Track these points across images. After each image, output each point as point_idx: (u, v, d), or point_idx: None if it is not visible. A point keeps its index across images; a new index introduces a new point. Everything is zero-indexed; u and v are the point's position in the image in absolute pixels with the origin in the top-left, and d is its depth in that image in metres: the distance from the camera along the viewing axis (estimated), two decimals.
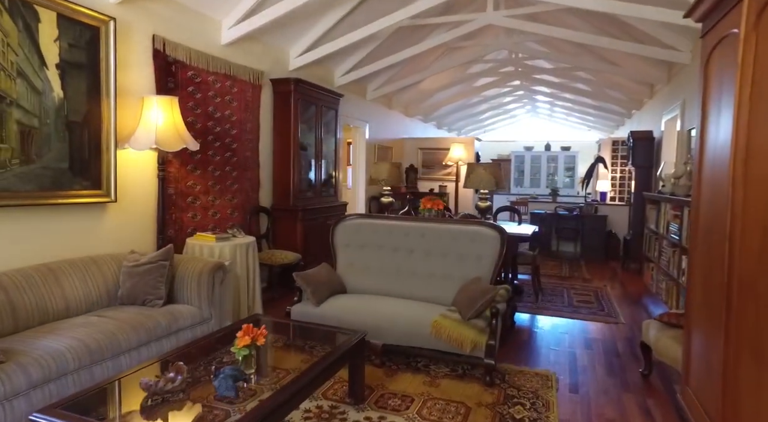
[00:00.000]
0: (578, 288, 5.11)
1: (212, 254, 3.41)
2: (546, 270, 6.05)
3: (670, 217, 3.84)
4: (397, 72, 7.03)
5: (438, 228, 3.35)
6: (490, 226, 3.18)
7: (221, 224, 4.20)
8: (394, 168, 3.72)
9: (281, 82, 4.77)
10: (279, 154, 4.88)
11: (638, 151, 5.96)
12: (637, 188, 6.01)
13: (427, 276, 3.28)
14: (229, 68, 4.19)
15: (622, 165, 7.86)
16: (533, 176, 12.28)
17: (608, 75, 7.08)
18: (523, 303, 4.40)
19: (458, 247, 3.24)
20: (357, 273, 3.47)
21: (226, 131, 4.24)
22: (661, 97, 6.03)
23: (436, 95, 9.01)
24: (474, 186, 3.37)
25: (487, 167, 3.33)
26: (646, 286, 4.86)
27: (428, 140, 8.92)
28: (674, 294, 3.66)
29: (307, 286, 3.10)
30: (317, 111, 5.23)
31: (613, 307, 4.33)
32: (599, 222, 7.05)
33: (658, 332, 2.50)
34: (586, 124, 11.47)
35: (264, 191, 4.83)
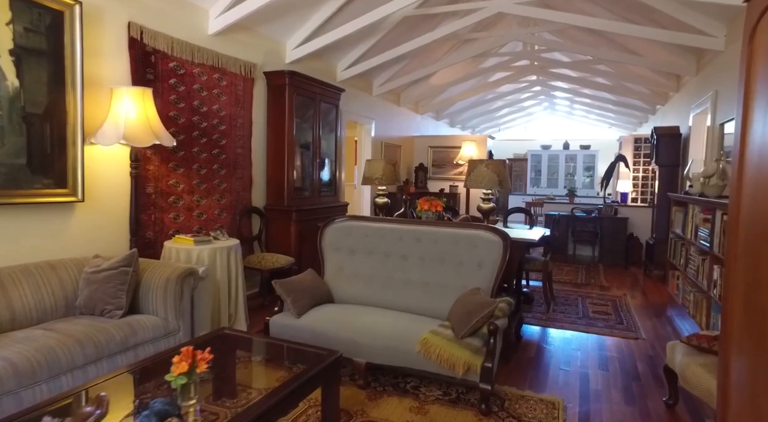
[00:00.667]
0: (595, 297, 4.70)
1: (189, 258, 3.16)
2: (560, 277, 5.64)
3: (699, 221, 3.42)
4: (404, 66, 6.71)
5: (434, 233, 3.02)
6: (492, 230, 2.84)
7: (208, 225, 3.96)
8: (389, 166, 3.41)
9: (275, 75, 4.50)
10: (273, 152, 4.62)
11: (663, 148, 5.50)
12: (661, 189, 5.55)
13: (421, 286, 2.96)
14: (217, 60, 3.94)
15: (645, 164, 7.37)
16: (551, 176, 11.79)
17: (630, 67, 6.61)
18: (532, 314, 4.03)
19: (456, 254, 2.91)
20: (346, 281, 3.17)
21: (214, 127, 4.00)
22: (688, 90, 5.56)
23: (448, 91, 8.66)
24: (475, 185, 3.03)
25: (489, 164, 2.99)
26: (671, 296, 4.43)
27: (439, 138, 8.57)
28: (703, 308, 3.24)
29: (287, 295, 2.82)
30: (316, 106, 4.95)
31: (633, 320, 3.92)
32: (619, 225, 6.58)
33: (686, 357, 2.12)
34: (607, 121, 10.93)
35: (257, 191, 4.58)
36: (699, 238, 3.39)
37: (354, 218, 3.32)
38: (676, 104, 6.29)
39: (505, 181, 2.99)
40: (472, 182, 3.05)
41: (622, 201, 7.26)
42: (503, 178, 2.98)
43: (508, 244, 2.77)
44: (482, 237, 2.87)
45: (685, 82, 5.73)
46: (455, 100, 9.00)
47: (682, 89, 5.94)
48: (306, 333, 2.73)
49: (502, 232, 2.81)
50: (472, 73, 7.78)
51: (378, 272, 3.11)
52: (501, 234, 2.81)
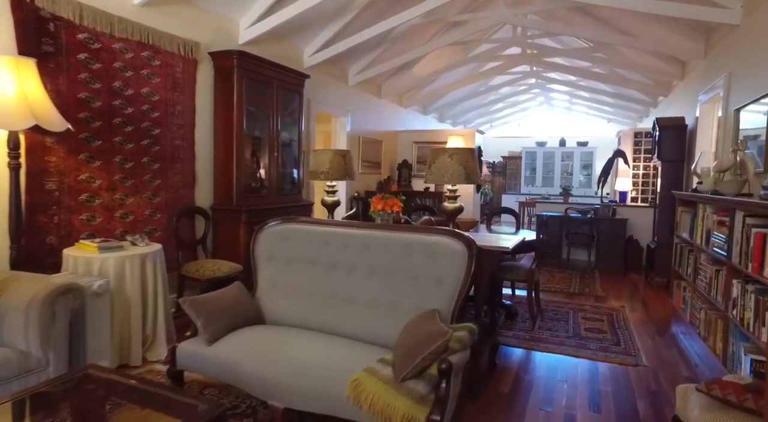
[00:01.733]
0: (588, 310, 4.12)
1: (89, 269, 2.58)
2: (552, 285, 5.06)
3: (712, 224, 2.84)
4: (382, 52, 6.13)
5: (387, 239, 2.44)
6: (455, 237, 2.26)
7: (136, 228, 3.39)
8: (338, 157, 2.83)
9: (221, 56, 3.93)
10: (220, 144, 4.05)
11: (666, 141, 4.92)
12: (664, 187, 4.97)
13: (369, 305, 2.38)
14: (147, 35, 3.36)
15: (646, 160, 6.79)
16: (546, 174, 11.21)
17: (629, 55, 6.04)
18: (514, 331, 3.45)
19: (411, 266, 2.33)
20: (280, 297, 2.59)
21: (144, 113, 3.42)
22: (695, 76, 4.98)
23: (434, 83, 8.08)
24: (437, 180, 2.47)
25: (454, 154, 2.41)
26: (676, 310, 3.85)
27: (424, 133, 7.99)
28: (718, 331, 2.66)
29: (198, 317, 2.24)
30: (273, 93, 4.37)
31: (632, 340, 3.34)
32: (617, 227, 6.00)
33: (707, 414, 1.54)
34: (605, 116, 10.34)
35: (202, 188, 4.01)
36: (712, 245, 2.81)
37: (293, 220, 2.74)
38: (680, 93, 5.71)
39: (473, 175, 2.42)
40: (433, 176, 2.48)
41: (621, 200, 6.68)
42: (471, 170, 2.41)
43: (473, 254, 2.19)
44: (443, 245, 2.29)
45: (691, 68, 5.15)
46: (442, 93, 8.42)
47: (687, 76, 5.36)
48: (215, 365, 2.16)
49: (466, 239, 2.23)
50: (460, 63, 7.20)
51: (319, 287, 2.54)
52: (465, 242, 2.23)
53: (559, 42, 7.01)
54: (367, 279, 2.44)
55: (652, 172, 6.76)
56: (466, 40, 6.67)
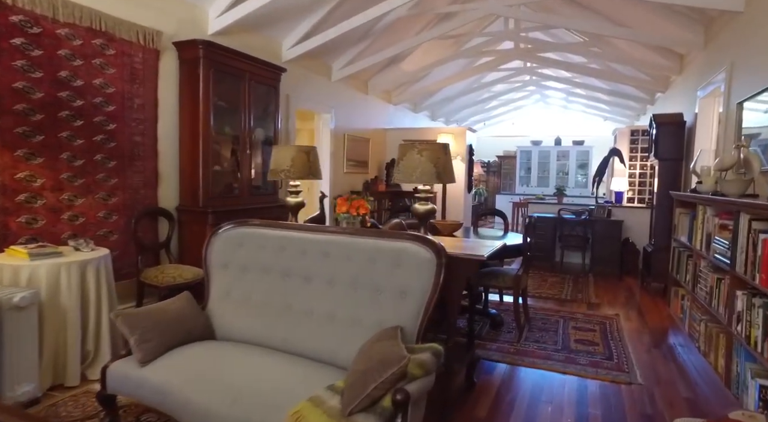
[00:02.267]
0: (580, 318, 3.85)
1: (16, 279, 2.31)
2: (543, 290, 4.79)
3: (714, 228, 2.57)
4: (367, 46, 5.85)
5: (348, 245, 2.17)
6: (423, 243, 1.99)
7: (88, 231, 3.12)
8: (301, 154, 2.56)
9: (186, 46, 3.65)
10: (187, 141, 3.77)
11: (663, 139, 4.66)
12: (662, 187, 4.71)
13: (326, 320, 2.12)
14: (99, 21, 3.09)
15: (643, 159, 6.53)
16: (541, 174, 10.95)
17: (626, 49, 5.78)
18: (498, 344, 3.18)
19: (374, 276, 2.06)
20: (233, 310, 2.33)
21: (97, 106, 3.15)
22: (694, 70, 4.72)
23: (425, 79, 7.81)
24: (405, 179, 2.20)
25: (424, 150, 2.14)
26: (674, 320, 3.59)
27: (413, 131, 7.72)
28: (720, 347, 2.40)
29: (132, 333, 1.97)
30: (245, 87, 4.09)
31: (626, 353, 3.07)
32: (613, 229, 5.74)
33: None
34: (601, 114, 10.08)
35: (167, 188, 3.73)
36: (713, 251, 2.55)
37: (248, 223, 2.47)
38: (678, 89, 5.45)
39: (445, 173, 2.15)
40: (401, 175, 2.21)
41: (617, 201, 6.42)
42: (443, 168, 2.14)
43: (443, 263, 1.93)
44: (409, 252, 2.02)
45: (690, 61, 4.89)
46: (434, 89, 8.16)
47: (685, 70, 5.10)
48: (146, 389, 1.89)
49: (435, 246, 1.96)
50: (451, 57, 6.93)
51: (273, 298, 2.27)
52: (434, 249, 1.96)
53: (553, 36, 6.75)
54: (325, 290, 2.18)
55: (649, 172, 6.51)
56: (456, 34, 6.41)
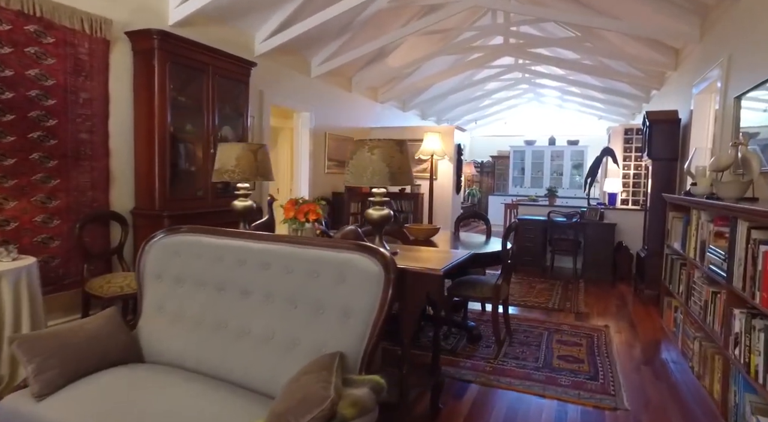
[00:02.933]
0: (566, 330, 3.57)
1: None
2: (529, 298, 4.52)
3: (708, 236, 2.30)
4: (348, 40, 5.58)
5: (290, 255, 1.90)
6: (371, 254, 1.72)
7: (23, 237, 2.84)
8: (247, 153, 2.28)
9: (140, 36, 3.37)
10: (142, 139, 3.49)
11: (657, 137, 4.39)
12: (655, 188, 4.44)
13: (262, 341, 1.84)
14: (32, 5, 2.81)
15: (637, 159, 6.26)
16: (535, 174, 10.68)
17: (617, 42, 5.51)
18: (474, 361, 2.91)
19: (316, 291, 1.79)
20: (164, 328, 2.05)
21: (33, 100, 2.87)
22: (689, 64, 4.45)
23: (413, 76, 7.54)
24: (356, 181, 1.92)
25: (376, 148, 1.86)
26: (667, 333, 3.31)
27: (400, 130, 7.44)
28: (715, 370, 2.12)
29: (30, 361, 1.69)
30: (209, 82, 3.82)
31: (613, 372, 2.80)
32: (605, 232, 5.47)
33: None
34: (595, 113, 9.82)
35: (121, 190, 3.46)
36: (708, 261, 2.28)
37: (185, 230, 2.19)
38: (674, 85, 5.19)
39: (401, 174, 1.87)
40: (351, 176, 1.93)
41: (610, 203, 6.15)
42: (398, 169, 1.87)
43: (391, 279, 1.65)
44: (355, 265, 1.74)
45: (686, 56, 4.62)
46: (422, 87, 7.88)
47: (681, 65, 4.84)
48: None
49: (384, 259, 1.69)
50: (438, 53, 6.66)
51: (208, 314, 1.99)
52: (383, 262, 1.68)
53: (543, 31, 6.49)
54: (263, 306, 1.90)
55: (644, 172, 6.24)
56: (443, 28, 6.15)
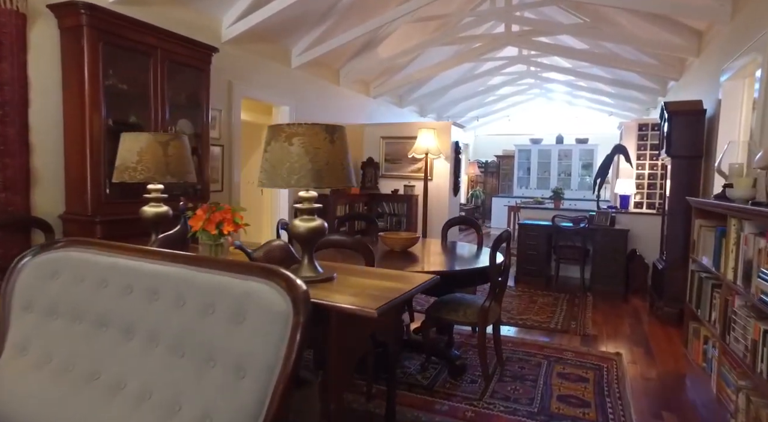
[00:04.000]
0: (570, 358, 3.00)
1: None
2: (529, 316, 3.95)
3: (758, 254, 1.74)
4: (332, 25, 5.06)
5: (184, 281, 1.38)
6: (281, 283, 1.20)
7: None
8: (153, 146, 1.77)
9: (64, 10, 2.87)
10: (71, 132, 3.01)
11: (678, 132, 3.80)
12: (675, 190, 3.85)
13: (137, 400, 1.32)
14: None
15: (653, 157, 5.66)
16: (541, 175, 10.07)
17: (630, 27, 4.92)
18: (453, 403, 2.36)
19: (207, 334, 1.27)
20: (23, 375, 1.54)
21: None
22: (717, 48, 3.86)
23: (408, 68, 7.01)
24: (271, 182, 1.40)
25: (297, 135, 1.33)
26: (691, 363, 2.73)
27: (393, 126, 6.91)
28: None
29: None
30: (157, 68, 3.31)
31: (628, 420, 2.23)
32: (617, 239, 4.88)
33: None
34: (606, 108, 9.18)
35: (47, 192, 2.97)
36: (757, 289, 1.71)
37: (65, 245, 1.68)
38: (695, 74, 4.58)
39: (329, 172, 1.35)
40: (264, 175, 1.40)
41: (622, 206, 5.55)
42: (326, 164, 1.34)
43: (301, 322, 1.13)
44: (258, 298, 1.22)
45: (711, 38, 4.02)
46: (418, 80, 7.34)
47: (705, 50, 4.23)
48: None
49: (295, 292, 1.16)
50: (431, 42, 6.12)
51: (80, 361, 1.48)
52: (293, 296, 1.16)
53: (546, 16, 5.91)
54: (145, 352, 1.38)
55: (660, 172, 5.64)
56: (437, 15, 5.61)
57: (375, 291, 1.40)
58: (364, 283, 1.50)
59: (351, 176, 1.47)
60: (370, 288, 1.44)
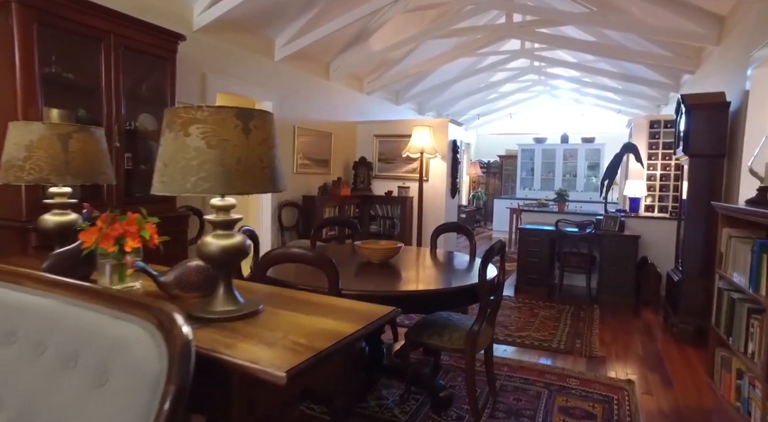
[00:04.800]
0: (575, 388, 2.60)
1: None
2: (530, 331, 3.55)
3: None
4: (318, 13, 4.68)
5: (49, 320, 1.02)
6: (154, 320, 0.82)
7: None
8: (49, 139, 1.40)
9: None
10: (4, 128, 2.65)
11: (698, 127, 3.39)
12: (694, 192, 3.44)
13: None
14: None
15: (665, 157, 5.24)
16: (545, 175, 9.64)
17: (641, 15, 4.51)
18: None
19: (65, 397, 0.90)
20: None
21: None
22: (742, 32, 3.44)
23: (404, 62, 6.62)
24: (164, 187, 1.04)
25: (197, 123, 0.97)
26: (721, 402, 2.32)
27: (388, 124, 6.53)
28: None
29: None
30: (110, 55, 2.95)
31: None
32: (626, 246, 4.47)
33: None
34: (613, 106, 8.74)
35: None
36: None
37: None
38: (715, 64, 4.16)
39: (242, 173, 0.98)
40: (160, 177, 1.03)
41: (632, 209, 5.14)
42: (239, 161, 0.97)
43: (173, 391, 0.75)
44: (127, 350, 0.86)
45: (736, 23, 3.61)
46: (413, 75, 6.95)
47: (728, 36, 3.82)
48: None
49: (174, 339, 0.78)
50: (426, 34, 5.72)
51: None
52: (170, 346, 0.78)
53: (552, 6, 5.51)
54: None
55: (673, 173, 5.22)
56: (432, 4, 5.23)
57: (304, 335, 1.01)
58: (296, 321, 1.12)
59: (277, 178, 1.09)
60: (300, 329, 1.06)
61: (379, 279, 2.24)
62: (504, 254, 2.36)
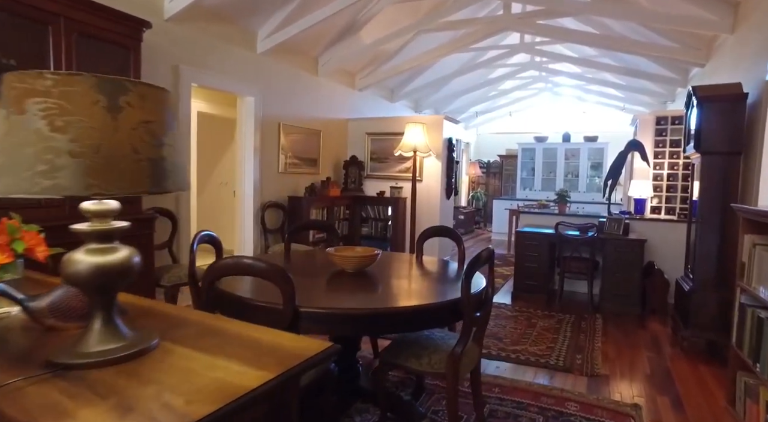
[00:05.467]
0: (574, 414, 2.31)
1: None
2: (526, 345, 3.26)
3: None
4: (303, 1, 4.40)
5: None
6: None
7: None
8: None
9: None
10: None
11: (711, 122, 3.09)
12: (706, 193, 3.14)
13: None
14: None
15: (673, 155, 4.93)
16: (546, 176, 9.33)
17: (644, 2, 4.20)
18: None
19: None
20: None
21: None
22: (761, 18, 3.14)
23: (398, 57, 6.34)
24: (6, 188, 0.78)
25: (35, 97, 0.71)
26: None
27: (380, 121, 6.24)
28: None
29: None
30: (60, 41, 2.68)
31: None
32: (631, 251, 4.16)
33: None
34: (616, 103, 8.43)
35: None
36: None
37: None
38: (729, 55, 3.86)
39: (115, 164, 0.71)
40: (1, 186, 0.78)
41: (637, 211, 4.83)
42: (99, 151, 0.70)
43: None
44: None
45: (753, 7, 3.30)
46: (408, 71, 6.66)
47: (743, 23, 3.51)
48: None
49: None
50: (418, 26, 5.44)
51: None
52: None
53: None
54: None
55: (682, 172, 4.91)
56: None
57: (184, 392, 0.73)
58: (187, 366, 0.83)
59: (162, 175, 0.80)
60: (185, 381, 0.77)
61: (347, 293, 1.96)
62: (493, 263, 2.07)
